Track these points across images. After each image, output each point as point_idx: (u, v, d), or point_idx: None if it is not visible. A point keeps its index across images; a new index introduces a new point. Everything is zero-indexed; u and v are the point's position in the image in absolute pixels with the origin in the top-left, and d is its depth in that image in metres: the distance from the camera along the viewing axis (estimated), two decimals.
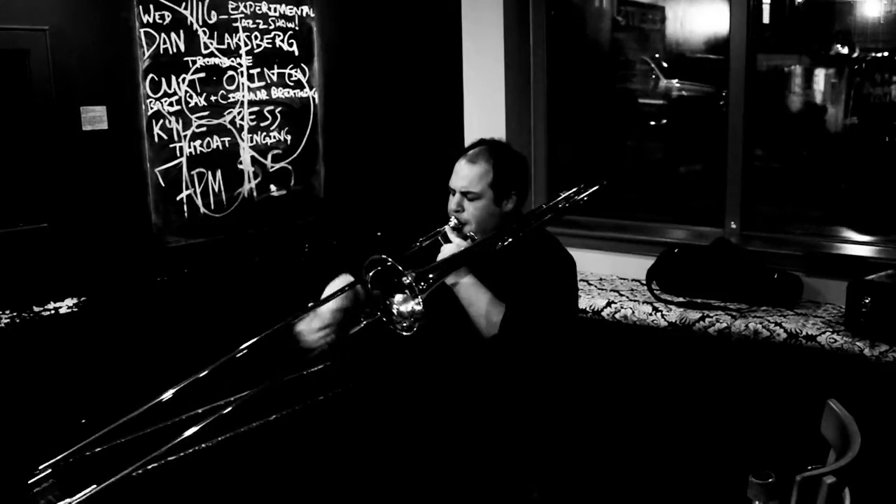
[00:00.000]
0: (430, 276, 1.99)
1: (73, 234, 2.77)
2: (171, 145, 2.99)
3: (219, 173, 3.15)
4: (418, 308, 1.94)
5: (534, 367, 2.30)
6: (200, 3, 3.02)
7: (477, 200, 2.31)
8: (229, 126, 3.17)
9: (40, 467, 1.71)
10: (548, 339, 2.28)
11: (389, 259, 1.97)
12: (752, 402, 2.91)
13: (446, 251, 2.25)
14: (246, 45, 3.18)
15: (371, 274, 2.01)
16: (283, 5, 3.29)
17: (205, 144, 3.09)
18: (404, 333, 1.98)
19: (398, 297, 2.01)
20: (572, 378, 2.45)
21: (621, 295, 3.32)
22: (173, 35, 2.95)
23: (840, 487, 1.52)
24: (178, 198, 3.04)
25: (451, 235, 2.31)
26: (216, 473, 2.67)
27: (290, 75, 3.35)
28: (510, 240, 2.27)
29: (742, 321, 2.94)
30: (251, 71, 3.21)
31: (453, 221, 2.33)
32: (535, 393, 2.32)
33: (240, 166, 3.22)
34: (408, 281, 1.94)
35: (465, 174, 2.32)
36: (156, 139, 2.95)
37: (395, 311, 2.02)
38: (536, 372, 2.31)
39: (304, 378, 2.60)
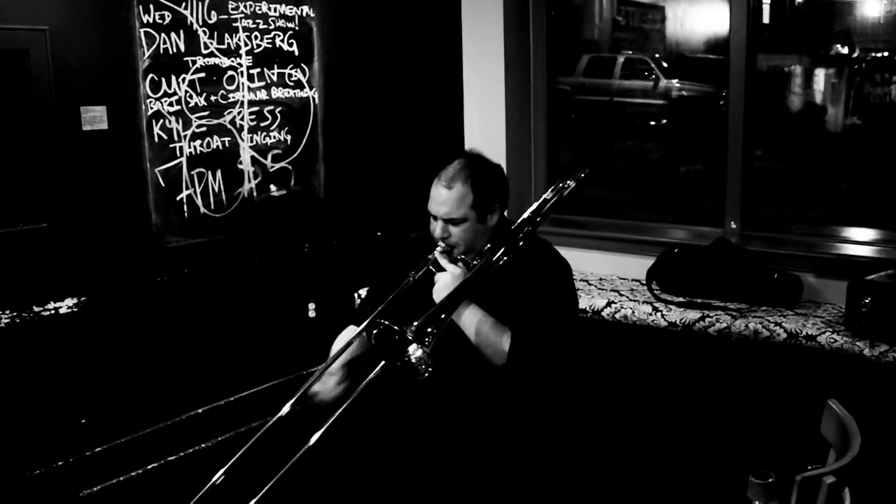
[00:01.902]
0: (430, 328, 1.95)
1: (73, 234, 2.77)
2: (171, 145, 2.99)
3: (219, 173, 3.15)
4: (426, 356, 1.94)
5: (543, 387, 2.27)
6: (200, 3, 3.02)
7: (462, 224, 2.24)
8: (229, 126, 3.16)
9: None
10: (556, 359, 2.24)
11: (385, 322, 1.94)
12: (752, 402, 2.91)
13: (441, 282, 2.20)
14: (246, 45, 3.18)
15: (374, 333, 1.98)
16: (283, 5, 3.29)
17: (205, 144, 3.09)
18: (425, 376, 1.96)
19: (411, 348, 1.98)
20: (577, 382, 2.43)
21: (621, 295, 3.32)
22: (173, 35, 2.95)
23: (840, 487, 1.52)
24: (178, 198, 3.04)
25: (443, 262, 2.23)
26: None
27: (290, 75, 3.35)
28: (504, 259, 2.22)
29: (742, 321, 2.94)
30: (251, 71, 3.21)
31: (441, 246, 2.26)
32: (544, 405, 2.30)
33: (240, 166, 3.22)
34: (410, 338, 1.92)
35: (444, 200, 2.23)
36: (156, 139, 2.94)
37: (412, 360, 1.99)
38: (545, 389, 2.29)
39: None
